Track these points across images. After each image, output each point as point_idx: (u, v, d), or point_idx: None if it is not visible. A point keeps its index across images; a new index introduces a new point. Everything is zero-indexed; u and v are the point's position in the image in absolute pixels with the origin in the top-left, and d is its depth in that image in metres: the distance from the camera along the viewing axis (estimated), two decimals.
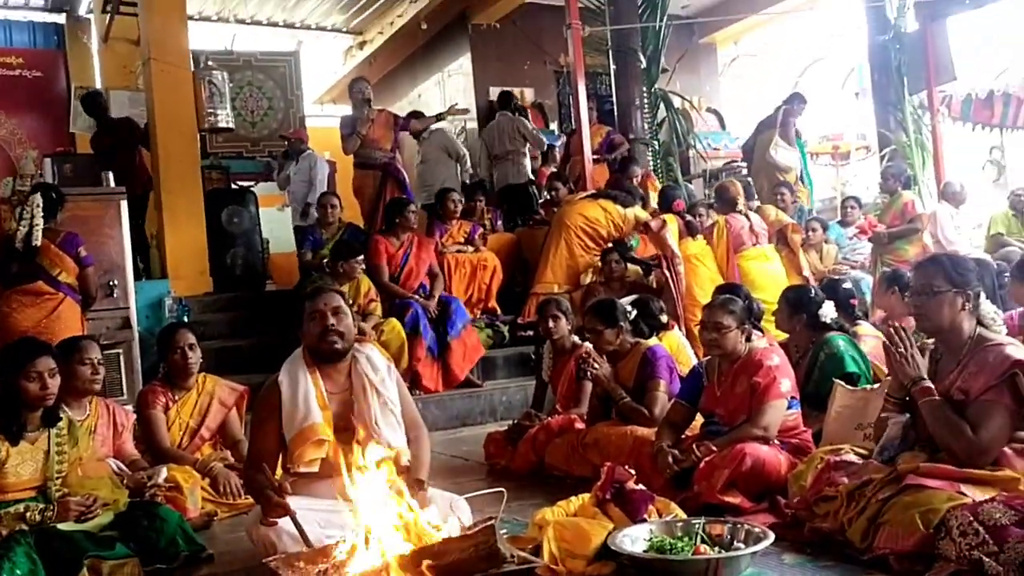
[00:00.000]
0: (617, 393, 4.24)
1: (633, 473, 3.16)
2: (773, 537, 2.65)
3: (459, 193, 8.00)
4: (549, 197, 8.31)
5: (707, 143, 10.69)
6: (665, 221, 6.91)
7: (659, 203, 7.63)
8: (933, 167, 9.30)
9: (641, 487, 3.10)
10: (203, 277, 7.82)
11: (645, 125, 9.35)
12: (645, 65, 9.32)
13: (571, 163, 8.99)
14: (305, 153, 9.09)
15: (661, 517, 2.98)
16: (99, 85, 10.31)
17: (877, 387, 3.73)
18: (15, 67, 10.69)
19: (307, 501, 2.95)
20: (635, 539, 2.74)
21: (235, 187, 9.38)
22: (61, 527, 3.09)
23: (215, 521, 3.90)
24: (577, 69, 7.97)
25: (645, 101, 9.35)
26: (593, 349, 4.45)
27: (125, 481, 3.71)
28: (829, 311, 4.17)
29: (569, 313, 5.08)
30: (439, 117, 9.23)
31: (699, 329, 3.89)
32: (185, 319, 6.78)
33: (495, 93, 11.14)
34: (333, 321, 3.09)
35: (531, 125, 9.68)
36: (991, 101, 11.28)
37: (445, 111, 9.39)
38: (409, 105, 11.35)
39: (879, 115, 9.84)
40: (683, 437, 3.80)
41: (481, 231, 7.80)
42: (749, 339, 3.68)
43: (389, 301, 6.49)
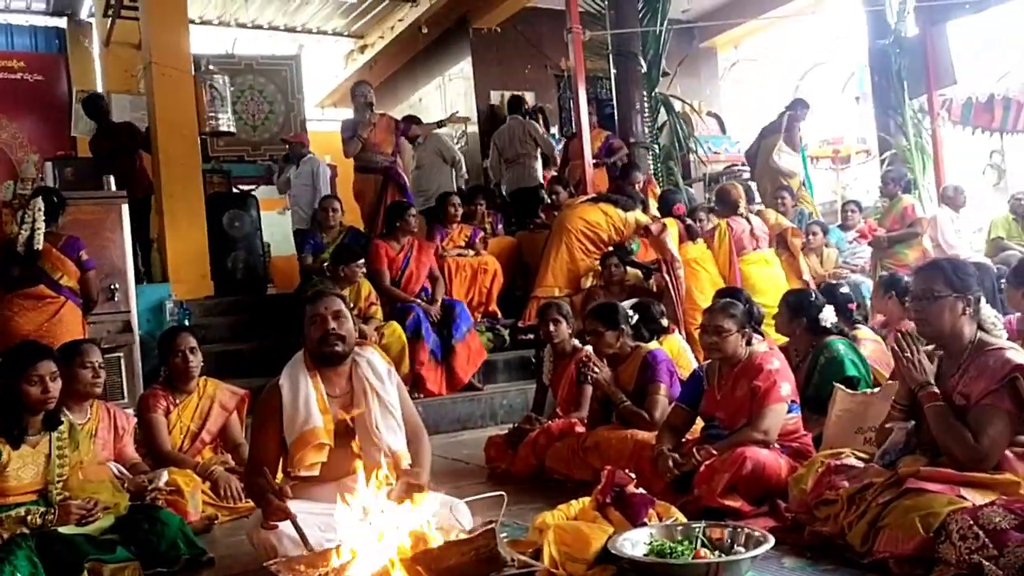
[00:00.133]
0: (617, 397, 4.24)
1: (633, 477, 3.15)
2: (773, 541, 2.65)
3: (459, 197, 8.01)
4: (549, 201, 8.32)
5: (707, 147, 10.70)
6: (665, 225, 6.92)
7: (659, 207, 7.64)
8: (933, 171, 9.31)
9: (641, 491, 3.10)
10: (204, 281, 7.83)
11: (645, 129, 9.35)
12: (646, 69, 9.32)
13: (570, 167, 9.00)
14: (307, 157, 9.10)
15: (661, 521, 2.98)
16: (100, 89, 10.33)
17: (877, 391, 3.73)
18: (16, 71, 10.70)
19: (307, 505, 2.96)
20: (635, 543, 2.74)
21: (236, 191, 9.39)
22: (62, 530, 3.09)
23: (216, 525, 3.91)
24: (578, 73, 7.98)
25: (646, 105, 9.35)
26: (593, 353, 4.45)
27: (126, 485, 3.72)
28: (829, 316, 4.17)
29: (570, 317, 5.09)
30: (440, 124, 9.25)
31: (699, 333, 3.89)
32: (186, 323, 6.79)
33: (496, 97, 11.20)
34: (334, 325, 3.10)
35: (542, 129, 9.70)
36: (991, 105, 11.29)
37: (446, 119, 9.41)
38: (410, 109, 11.39)
39: (879, 119, 9.85)
40: (683, 441, 3.80)
41: (482, 235, 7.80)
42: (749, 343, 3.68)
43: (390, 305, 6.50)
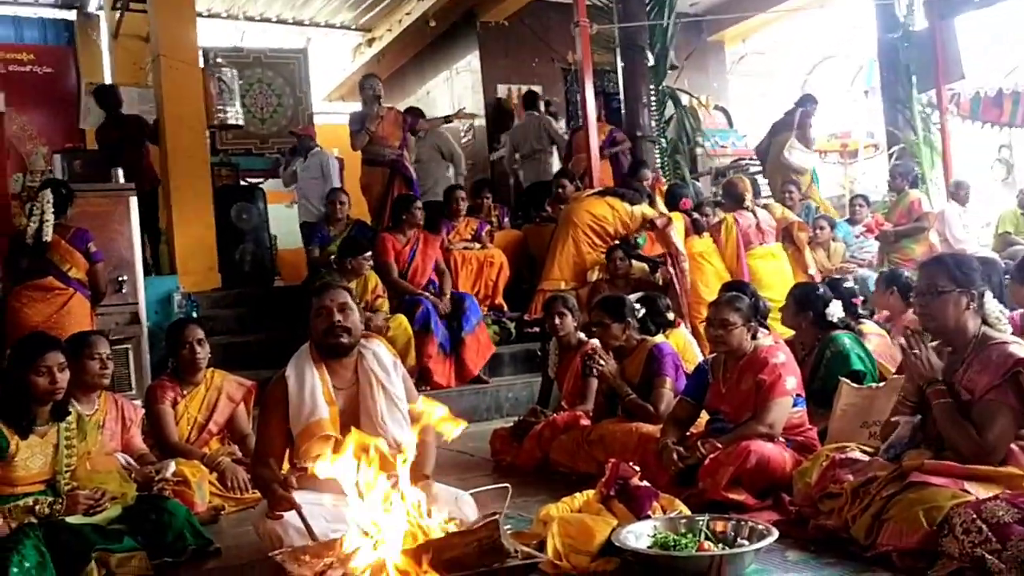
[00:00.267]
0: (623, 390, 4.25)
1: (637, 470, 3.16)
2: (777, 534, 2.65)
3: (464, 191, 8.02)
4: (556, 194, 8.32)
5: (714, 141, 10.69)
6: (670, 219, 6.92)
7: (666, 201, 7.63)
8: (942, 166, 9.28)
9: (645, 484, 3.11)
10: (212, 273, 7.86)
11: (652, 123, 9.32)
12: (653, 63, 9.29)
13: (574, 160, 9.01)
14: (314, 151, 9.10)
15: (665, 514, 2.98)
16: (109, 81, 10.34)
17: (883, 385, 3.73)
18: (26, 63, 10.71)
19: (313, 496, 2.97)
20: (639, 535, 2.75)
21: (244, 184, 9.41)
22: (69, 520, 3.12)
23: (222, 515, 3.94)
24: (584, 67, 7.97)
25: (653, 99, 9.32)
26: (599, 346, 4.46)
27: (133, 475, 3.74)
28: (836, 310, 4.16)
29: (575, 310, 5.10)
30: (447, 120, 9.26)
31: (704, 326, 3.89)
32: (194, 315, 6.81)
33: (503, 91, 11.18)
34: (339, 317, 3.11)
35: (557, 125, 9.73)
36: (1000, 99, 11.26)
37: (453, 114, 9.41)
38: (417, 102, 11.39)
39: (888, 113, 9.82)
40: (688, 434, 3.80)
41: (488, 228, 7.81)
42: (755, 337, 3.68)
43: (398, 298, 6.52)
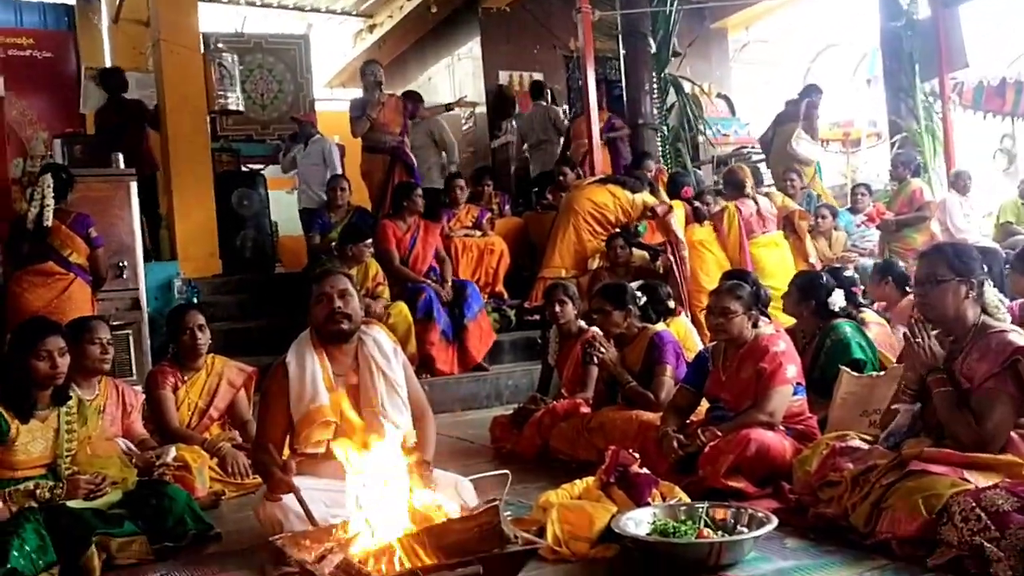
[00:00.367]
0: (623, 377, 4.25)
1: (637, 457, 3.17)
2: (776, 522, 2.66)
3: (463, 179, 8.00)
4: (556, 182, 8.31)
5: (716, 129, 10.64)
6: (671, 207, 6.91)
7: (667, 189, 7.61)
8: (944, 155, 9.25)
9: (645, 471, 3.12)
10: (212, 259, 7.86)
11: (654, 110, 9.29)
12: (655, 50, 9.27)
13: (573, 147, 8.98)
14: (315, 137, 9.06)
15: (665, 501, 2.99)
16: (109, 66, 10.30)
17: (883, 374, 3.73)
18: (26, 48, 10.65)
19: (313, 481, 2.98)
20: (639, 522, 2.76)
21: (245, 170, 9.39)
22: (70, 505, 3.12)
23: (223, 500, 3.94)
24: (586, 54, 7.94)
25: (655, 86, 9.30)
26: (600, 333, 4.46)
27: (134, 460, 3.75)
28: (839, 300, 4.16)
29: (576, 298, 5.09)
30: (448, 107, 9.23)
31: (705, 314, 3.89)
32: (194, 301, 6.80)
33: (504, 77, 11.14)
34: (340, 304, 3.11)
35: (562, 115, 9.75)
36: (1003, 89, 11.22)
37: (454, 102, 9.38)
38: (419, 89, 11.26)
39: (890, 102, 9.78)
40: (688, 422, 3.81)
41: (489, 215, 7.81)
42: (756, 325, 3.68)
43: (399, 285, 6.51)
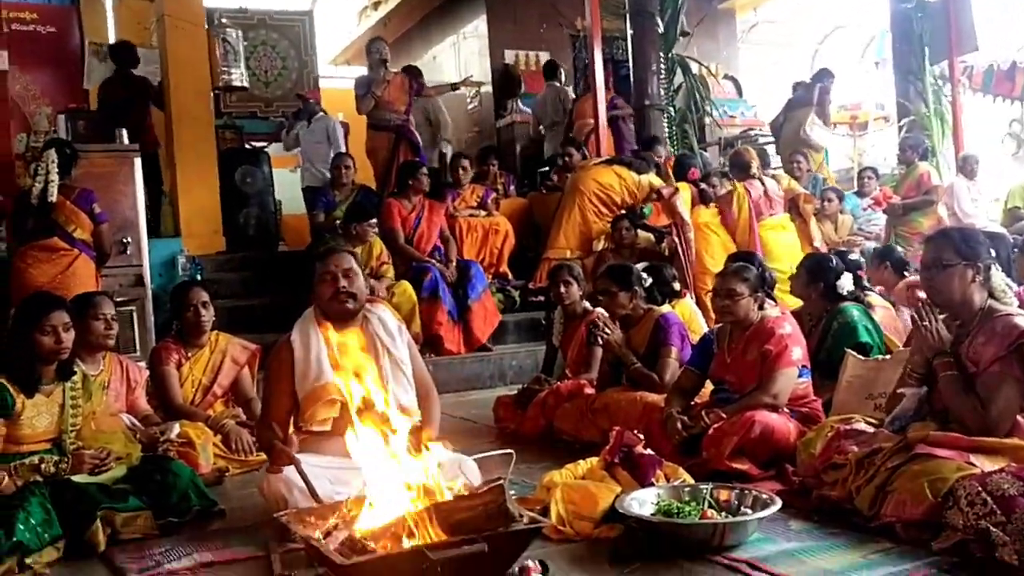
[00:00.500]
0: (628, 359, 4.24)
1: (642, 438, 3.16)
2: (780, 504, 2.65)
3: (468, 159, 7.96)
4: (562, 163, 8.27)
5: (723, 111, 10.58)
6: (677, 189, 6.88)
7: (674, 171, 7.57)
8: (952, 139, 9.20)
9: (650, 451, 3.11)
10: (216, 236, 7.85)
11: (661, 91, 9.23)
12: (663, 29, 9.20)
13: (576, 127, 8.93)
14: (319, 115, 9.02)
15: (669, 482, 2.99)
16: (112, 42, 10.24)
17: (889, 358, 3.72)
18: (29, 22, 10.57)
19: (317, 458, 2.99)
20: (643, 502, 2.75)
21: (248, 147, 9.35)
22: (75, 479, 3.12)
23: (227, 477, 3.95)
24: (594, 33, 7.89)
25: (662, 66, 9.23)
26: (606, 314, 4.45)
27: (138, 436, 3.75)
28: (847, 283, 4.14)
29: (581, 279, 5.08)
30: (454, 87, 9.17)
31: (711, 296, 3.87)
32: (198, 278, 6.80)
33: (511, 56, 11.07)
34: (344, 283, 3.09)
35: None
36: (1013, 73, 11.14)
37: (460, 81, 9.31)
38: (424, 67, 11.18)
39: (899, 85, 9.73)
40: (693, 404, 3.80)
41: (494, 195, 7.79)
42: (762, 307, 3.67)
43: (404, 265, 6.50)
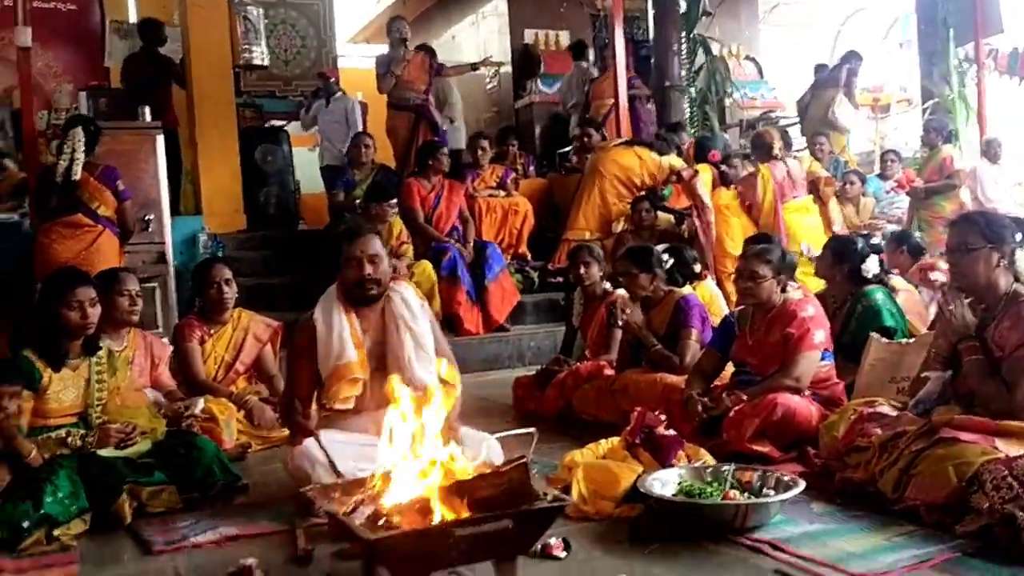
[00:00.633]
0: (649, 340, 4.24)
1: (663, 418, 3.17)
2: (803, 485, 2.65)
3: (486, 139, 7.94)
4: (581, 144, 8.24)
5: (744, 92, 10.49)
6: (697, 171, 6.83)
7: (694, 152, 7.53)
8: (976, 122, 9.09)
9: (672, 432, 3.12)
10: (237, 215, 7.88)
11: (682, 72, 9.16)
12: (685, 9, 9.11)
13: (594, 107, 8.88)
14: (337, 95, 9.01)
15: (691, 463, 2.99)
16: (134, 20, 10.25)
17: (912, 341, 3.70)
18: (50, 0, 10.64)
19: (342, 435, 3.01)
20: (665, 483, 2.76)
21: (268, 126, 9.37)
22: (101, 453, 3.16)
23: (249, 453, 3.99)
24: (615, 12, 7.83)
25: (683, 47, 9.16)
26: (626, 296, 4.44)
27: (162, 411, 3.79)
28: (873, 266, 4.11)
29: (601, 260, 5.08)
30: (473, 67, 9.12)
31: (733, 278, 3.86)
32: (219, 255, 6.83)
33: (530, 36, 11.01)
34: (370, 270, 3.08)
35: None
36: None
37: (479, 61, 9.27)
38: (443, 46, 11.16)
39: (923, 67, 9.59)
40: (713, 386, 3.79)
41: (513, 176, 7.77)
42: (784, 290, 3.65)
43: (424, 245, 6.51)
